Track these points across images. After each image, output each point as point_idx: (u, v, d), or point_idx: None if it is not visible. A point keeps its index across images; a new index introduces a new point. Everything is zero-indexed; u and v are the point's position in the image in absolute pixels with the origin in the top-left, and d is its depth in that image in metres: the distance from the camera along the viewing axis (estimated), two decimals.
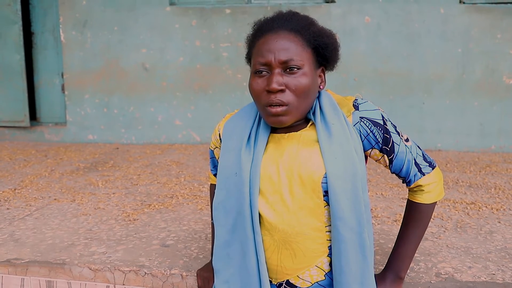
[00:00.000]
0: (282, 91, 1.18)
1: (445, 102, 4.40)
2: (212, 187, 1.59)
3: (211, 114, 4.67)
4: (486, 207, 2.53)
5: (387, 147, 1.28)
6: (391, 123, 1.29)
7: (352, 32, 4.45)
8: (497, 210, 2.48)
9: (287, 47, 1.19)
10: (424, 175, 1.32)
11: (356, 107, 1.28)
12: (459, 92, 4.38)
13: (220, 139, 1.39)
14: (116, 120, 4.89)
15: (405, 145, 1.31)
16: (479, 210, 2.48)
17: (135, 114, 4.86)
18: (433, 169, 1.34)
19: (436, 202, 1.36)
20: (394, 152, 1.29)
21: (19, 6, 4.82)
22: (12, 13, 4.83)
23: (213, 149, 1.48)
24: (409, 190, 1.38)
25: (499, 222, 2.28)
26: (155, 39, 4.75)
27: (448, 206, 2.56)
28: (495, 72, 4.32)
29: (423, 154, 1.35)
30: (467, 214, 2.41)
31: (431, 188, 1.33)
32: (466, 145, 4.39)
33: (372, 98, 4.38)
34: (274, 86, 1.17)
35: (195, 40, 4.69)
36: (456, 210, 2.49)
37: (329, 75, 1.37)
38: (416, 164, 1.31)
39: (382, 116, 1.27)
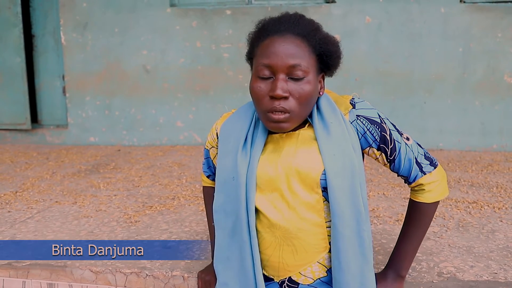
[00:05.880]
0: (285, 98, 1.16)
1: (447, 102, 4.39)
2: (205, 189, 1.57)
3: (212, 115, 4.66)
4: (488, 206, 2.53)
5: (386, 146, 1.27)
6: (390, 122, 1.29)
7: (353, 33, 4.44)
8: (499, 209, 2.48)
9: (293, 52, 1.16)
10: (425, 174, 1.31)
11: (353, 105, 1.27)
12: (460, 92, 4.37)
13: (218, 137, 1.38)
14: (117, 122, 4.89)
15: (406, 143, 1.30)
16: (481, 209, 2.47)
17: (137, 116, 4.86)
18: (435, 168, 1.33)
19: (439, 201, 1.34)
20: (396, 151, 1.28)
21: (19, 9, 4.82)
22: (13, 15, 4.84)
23: (209, 149, 1.46)
24: (411, 190, 1.37)
25: (501, 221, 2.27)
26: (156, 41, 4.74)
27: (450, 205, 2.55)
28: (496, 71, 4.31)
29: (424, 152, 1.33)
30: (469, 213, 2.41)
31: (433, 187, 1.31)
32: (468, 144, 4.38)
33: (373, 98, 4.36)
34: (279, 92, 1.14)
35: (196, 41, 4.68)
36: (458, 209, 2.48)
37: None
38: (418, 163, 1.30)
39: (379, 115, 1.27)
